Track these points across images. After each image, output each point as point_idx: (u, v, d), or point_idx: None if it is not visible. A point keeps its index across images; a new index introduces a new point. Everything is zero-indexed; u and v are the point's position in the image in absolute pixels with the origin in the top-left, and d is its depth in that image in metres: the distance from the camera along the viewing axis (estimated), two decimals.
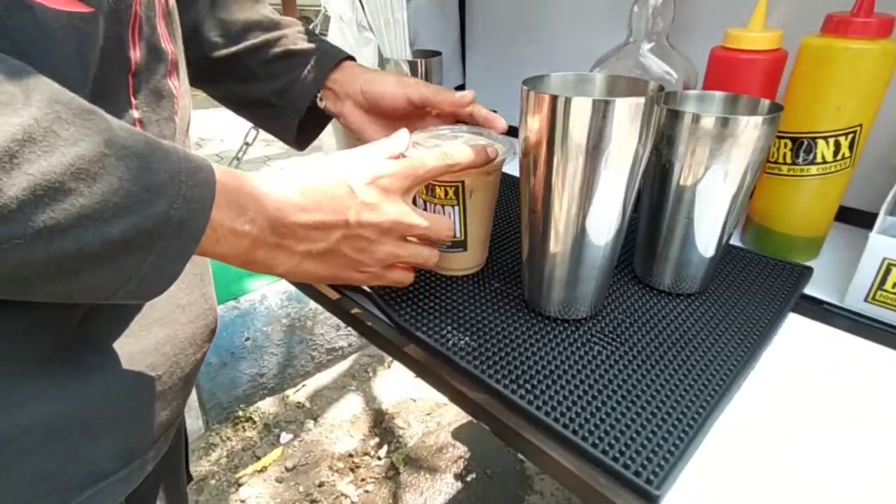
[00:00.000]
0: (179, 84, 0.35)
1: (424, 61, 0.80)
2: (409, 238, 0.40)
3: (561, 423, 0.35)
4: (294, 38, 0.52)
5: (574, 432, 0.34)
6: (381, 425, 1.53)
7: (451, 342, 0.43)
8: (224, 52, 0.51)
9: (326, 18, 0.79)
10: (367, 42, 0.72)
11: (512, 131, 0.52)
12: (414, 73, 0.80)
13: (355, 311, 0.48)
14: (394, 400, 1.60)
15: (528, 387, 0.38)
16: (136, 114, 0.31)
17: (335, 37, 0.71)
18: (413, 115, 0.53)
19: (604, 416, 0.36)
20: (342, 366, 1.73)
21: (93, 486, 0.31)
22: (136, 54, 0.30)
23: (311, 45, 0.52)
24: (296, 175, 0.34)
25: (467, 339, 0.43)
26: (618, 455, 0.33)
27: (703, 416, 0.36)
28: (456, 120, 0.53)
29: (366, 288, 0.49)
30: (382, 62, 0.80)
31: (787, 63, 0.52)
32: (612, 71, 0.60)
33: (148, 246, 0.25)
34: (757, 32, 0.50)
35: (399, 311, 0.46)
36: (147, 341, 0.34)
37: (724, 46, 0.53)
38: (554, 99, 0.36)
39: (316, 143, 0.61)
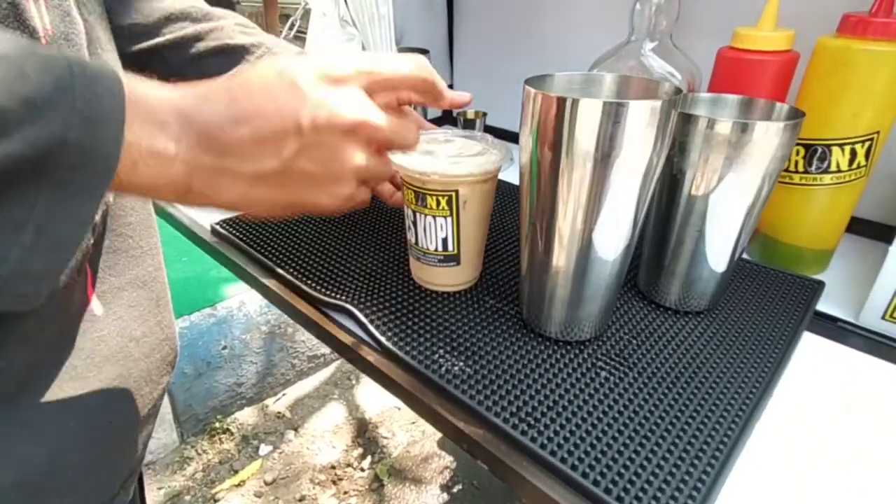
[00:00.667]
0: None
1: None
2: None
3: (569, 465, 0.31)
4: (230, 31, 0.44)
5: (584, 475, 0.31)
6: (365, 435, 1.48)
7: (443, 368, 0.39)
8: (141, 45, 0.42)
9: (307, 13, 0.74)
10: (351, 38, 0.68)
11: (509, 136, 0.49)
12: None
13: (336, 330, 0.44)
14: (378, 408, 1.56)
15: (531, 420, 0.34)
16: None
17: (316, 32, 0.66)
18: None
19: (616, 456, 0.32)
20: (324, 373, 1.67)
21: None
22: (44, 23, 0.24)
23: (253, 40, 0.43)
24: (228, 79, 0.27)
25: (461, 364, 0.39)
26: (634, 502, 0.29)
27: (725, 454, 0.32)
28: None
29: (349, 306, 0.44)
30: None
31: (800, 65, 0.49)
32: (612, 71, 0.56)
33: (38, 180, 0.19)
34: (768, 32, 0.47)
35: (386, 333, 0.42)
36: (95, 383, 0.29)
37: (732, 46, 0.50)
38: (561, 101, 0.33)
39: None
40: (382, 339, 0.41)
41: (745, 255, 0.55)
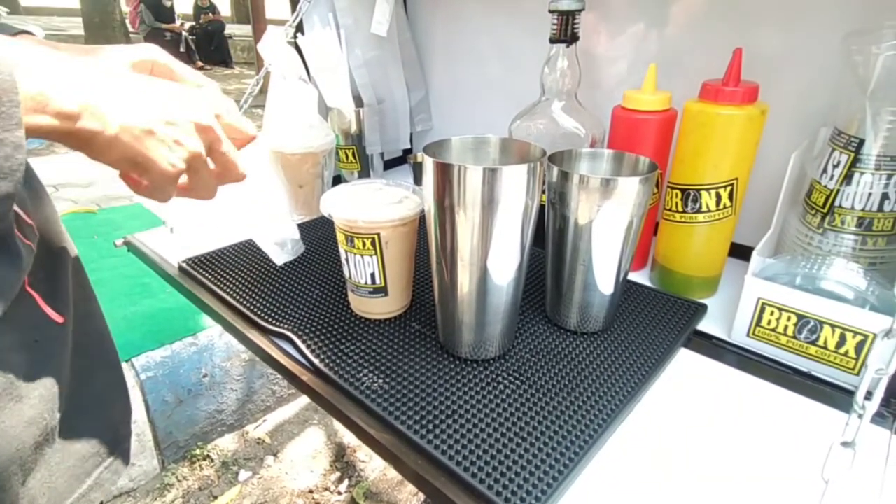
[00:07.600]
0: None
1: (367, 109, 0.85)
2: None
3: (455, 462, 0.38)
4: None
5: (465, 469, 0.38)
6: (343, 459, 1.52)
7: (364, 384, 0.46)
8: None
9: (268, 74, 0.83)
10: (309, 92, 0.76)
11: None
12: (358, 122, 0.85)
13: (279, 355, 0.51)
14: None
15: (430, 427, 0.41)
16: None
17: (276, 86, 0.74)
18: None
19: (494, 454, 0.39)
20: (304, 399, 1.72)
21: None
22: None
23: None
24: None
25: (381, 381, 0.46)
26: (501, 489, 0.36)
27: (585, 450, 0.39)
28: None
29: (289, 334, 0.51)
30: (325, 110, 0.84)
31: (679, 121, 0.57)
32: (530, 124, 0.65)
33: None
34: (648, 95, 0.56)
35: (320, 355, 0.49)
36: None
37: (622, 106, 0.58)
38: (451, 167, 0.41)
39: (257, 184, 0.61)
40: (315, 360, 0.48)
41: (648, 283, 0.63)
